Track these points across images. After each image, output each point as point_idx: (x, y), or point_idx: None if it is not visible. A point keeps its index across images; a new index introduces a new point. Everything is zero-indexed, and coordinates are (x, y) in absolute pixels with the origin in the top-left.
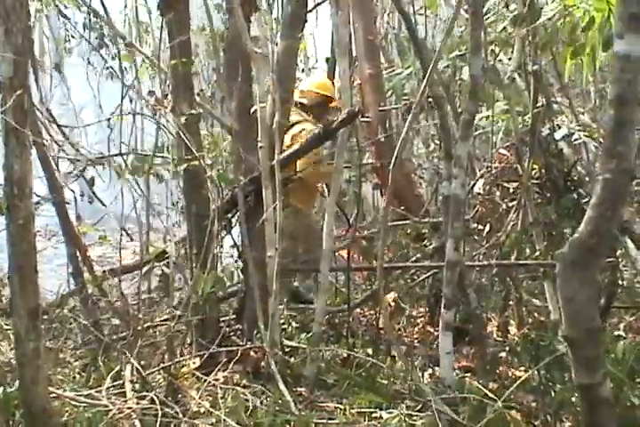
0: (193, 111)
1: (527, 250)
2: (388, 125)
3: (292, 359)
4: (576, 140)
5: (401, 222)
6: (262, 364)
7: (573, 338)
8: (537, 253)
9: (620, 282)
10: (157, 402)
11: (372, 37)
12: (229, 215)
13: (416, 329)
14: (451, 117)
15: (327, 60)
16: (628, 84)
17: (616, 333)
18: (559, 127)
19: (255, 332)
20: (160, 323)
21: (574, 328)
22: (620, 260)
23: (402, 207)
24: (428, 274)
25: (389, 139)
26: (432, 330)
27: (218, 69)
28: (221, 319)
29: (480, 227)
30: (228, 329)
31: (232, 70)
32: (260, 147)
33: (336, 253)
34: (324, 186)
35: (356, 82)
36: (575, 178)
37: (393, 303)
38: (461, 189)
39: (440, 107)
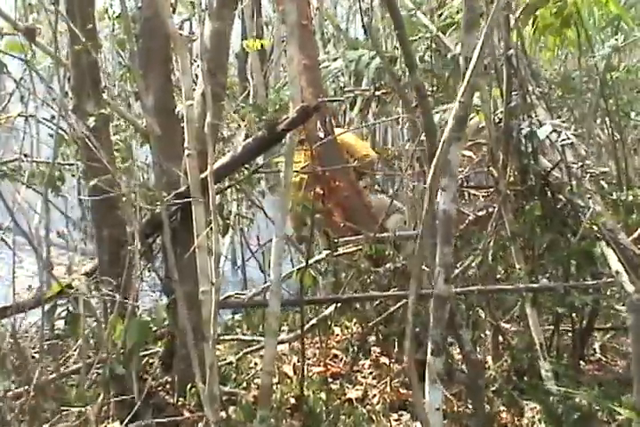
0: (103, 111)
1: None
2: (328, 123)
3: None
4: (563, 140)
5: (353, 238)
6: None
7: None
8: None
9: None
10: None
11: (307, 22)
12: (150, 240)
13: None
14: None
15: (237, 55)
16: None
17: None
18: (540, 124)
19: (189, 385)
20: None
21: None
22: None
23: (349, 221)
24: (398, 305)
25: (332, 139)
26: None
27: (132, 58)
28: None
29: None
30: (153, 383)
31: (148, 60)
32: (188, 155)
33: None
34: None
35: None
36: (554, 182)
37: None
38: (452, 204)
39: (423, 97)
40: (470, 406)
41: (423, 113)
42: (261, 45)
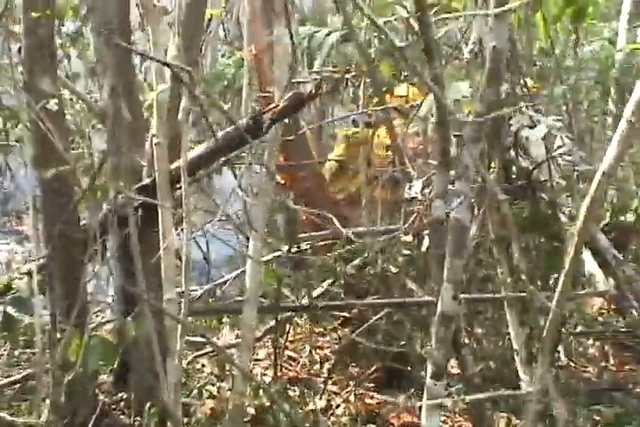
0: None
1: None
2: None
3: None
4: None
5: (317, 234)
6: None
7: None
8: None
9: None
10: None
11: None
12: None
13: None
14: None
15: None
16: None
17: None
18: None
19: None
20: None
21: None
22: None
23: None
24: (379, 316)
25: (298, 127)
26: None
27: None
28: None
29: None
30: (107, 400)
31: (109, 30)
32: (156, 143)
33: None
34: None
35: (250, 53)
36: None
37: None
38: (467, 213)
39: (440, 87)
40: None
41: (438, 107)
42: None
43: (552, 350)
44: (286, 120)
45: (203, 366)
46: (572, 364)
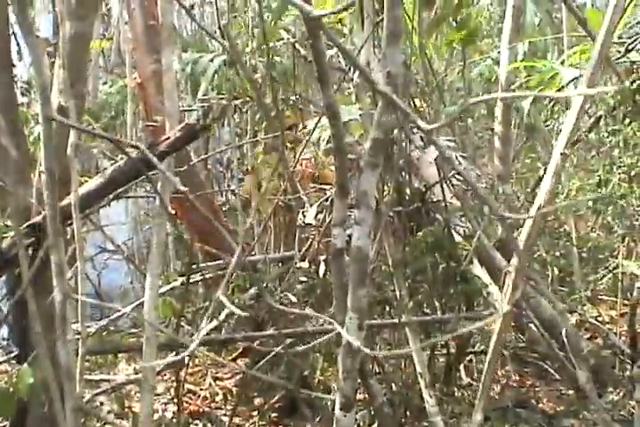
0: None
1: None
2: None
3: None
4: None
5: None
6: None
7: None
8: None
9: None
10: None
11: (154, 22)
12: None
13: None
14: None
15: None
16: None
17: None
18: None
19: None
20: None
21: None
22: None
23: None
24: (280, 347)
25: (188, 157)
26: None
27: None
28: None
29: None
30: None
31: None
32: (45, 180)
33: None
34: None
35: (134, 81)
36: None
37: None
38: (367, 240)
39: (334, 115)
40: None
41: (334, 134)
42: None
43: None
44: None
45: (101, 403)
46: (474, 382)
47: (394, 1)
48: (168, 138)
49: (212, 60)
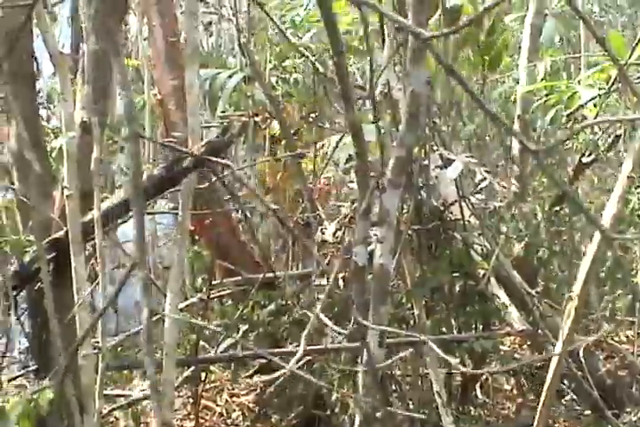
0: None
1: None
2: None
3: None
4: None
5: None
6: None
7: None
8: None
9: None
10: None
11: (175, 39)
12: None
13: None
14: None
15: None
16: None
17: None
18: (445, 159)
19: None
20: None
21: None
22: None
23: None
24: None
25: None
26: None
27: None
28: None
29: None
30: None
31: (12, 81)
32: (67, 195)
33: None
34: None
35: (156, 97)
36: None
37: None
38: (389, 258)
39: (357, 134)
40: None
41: (357, 152)
42: None
43: None
44: None
45: (116, 418)
46: (490, 401)
47: (419, 20)
48: (191, 155)
49: (230, 77)
